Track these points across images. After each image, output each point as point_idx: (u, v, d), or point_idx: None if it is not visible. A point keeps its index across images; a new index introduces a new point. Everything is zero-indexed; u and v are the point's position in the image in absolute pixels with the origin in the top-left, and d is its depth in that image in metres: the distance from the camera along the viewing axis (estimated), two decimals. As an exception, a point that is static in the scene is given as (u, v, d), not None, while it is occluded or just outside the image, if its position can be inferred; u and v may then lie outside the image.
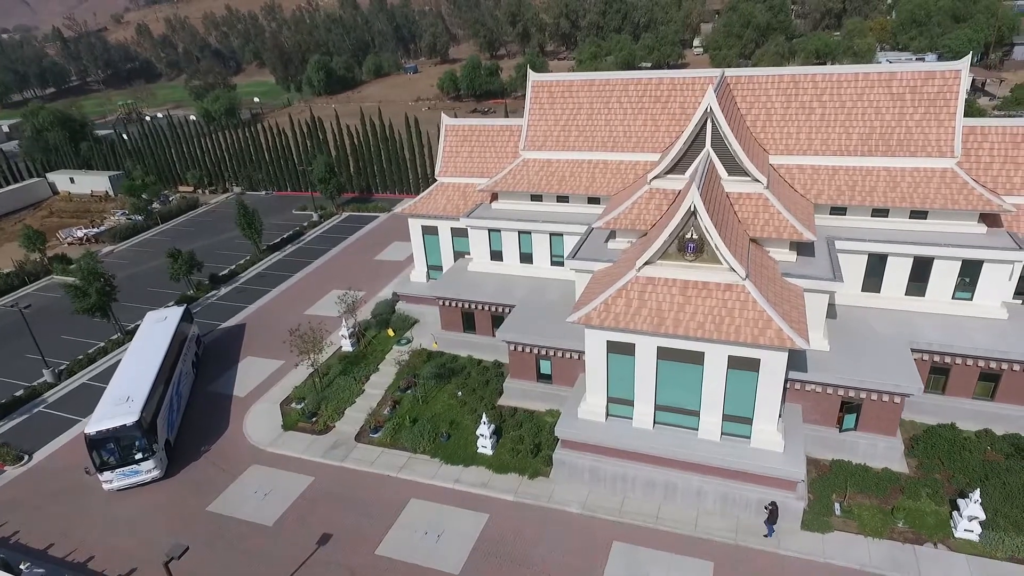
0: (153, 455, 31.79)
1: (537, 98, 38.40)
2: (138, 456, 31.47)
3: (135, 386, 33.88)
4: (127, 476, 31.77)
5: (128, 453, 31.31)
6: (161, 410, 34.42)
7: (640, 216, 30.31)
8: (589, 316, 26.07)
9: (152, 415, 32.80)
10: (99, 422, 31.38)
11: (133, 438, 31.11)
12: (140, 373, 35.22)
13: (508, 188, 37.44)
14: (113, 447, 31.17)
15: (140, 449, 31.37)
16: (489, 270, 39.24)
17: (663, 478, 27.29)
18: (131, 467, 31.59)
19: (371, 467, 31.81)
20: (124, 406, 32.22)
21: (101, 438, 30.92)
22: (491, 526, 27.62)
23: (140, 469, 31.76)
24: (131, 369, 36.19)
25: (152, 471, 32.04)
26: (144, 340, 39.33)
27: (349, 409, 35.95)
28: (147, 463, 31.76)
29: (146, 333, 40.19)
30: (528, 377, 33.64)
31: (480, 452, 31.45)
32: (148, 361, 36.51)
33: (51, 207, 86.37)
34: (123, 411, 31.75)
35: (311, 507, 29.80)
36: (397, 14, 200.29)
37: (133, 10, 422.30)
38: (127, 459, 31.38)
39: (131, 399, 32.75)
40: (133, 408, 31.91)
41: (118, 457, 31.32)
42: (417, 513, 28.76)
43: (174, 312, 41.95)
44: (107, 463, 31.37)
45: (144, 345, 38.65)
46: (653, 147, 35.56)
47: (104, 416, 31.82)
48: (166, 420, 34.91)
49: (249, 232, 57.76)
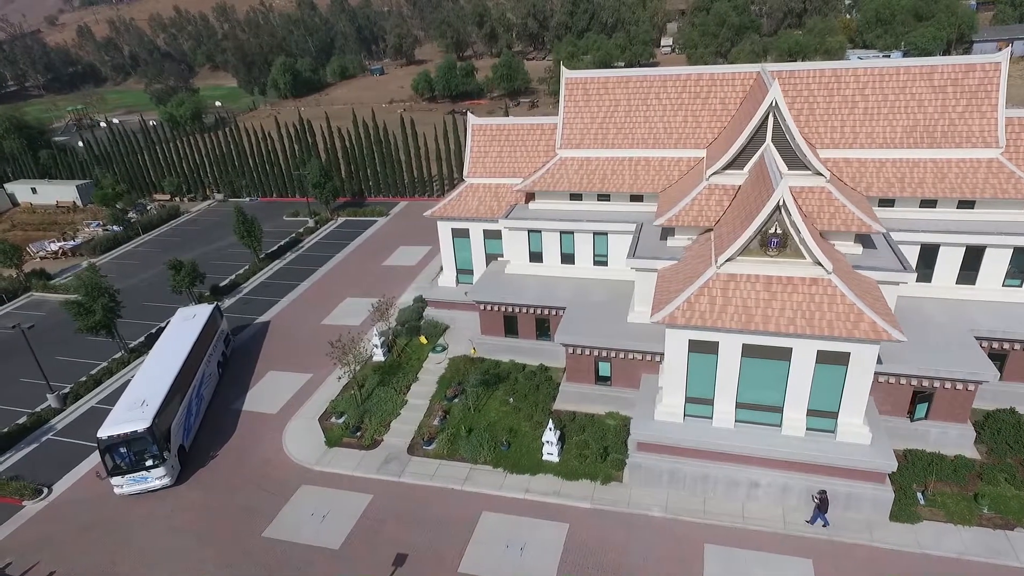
0: (164, 463, 31.00)
1: (571, 95, 37.73)
2: (148, 463, 30.75)
3: (152, 389, 33.04)
4: (137, 482, 31.11)
5: (139, 459, 30.65)
6: (177, 415, 33.37)
7: (702, 212, 30.01)
8: (673, 315, 25.54)
9: (167, 421, 32.10)
10: (111, 426, 30.74)
11: (144, 445, 30.41)
12: (159, 376, 34.33)
13: (547, 187, 36.66)
14: (124, 452, 30.53)
15: (151, 456, 30.66)
16: (528, 272, 38.35)
17: (746, 476, 27.00)
18: (141, 473, 30.87)
19: (431, 481, 30.54)
20: (138, 411, 31.40)
21: (112, 443, 30.32)
22: (574, 535, 26.80)
23: (149, 476, 31.03)
24: (152, 370, 35.31)
25: (162, 478, 31.27)
26: (169, 339, 38.39)
27: (395, 421, 34.52)
28: (157, 471, 31.01)
29: (173, 332, 39.09)
30: (586, 380, 32.92)
31: (546, 459, 30.57)
32: (169, 363, 35.48)
33: (12, 220, 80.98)
34: (136, 416, 30.98)
35: (377, 527, 28.34)
36: (359, 15, 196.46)
37: (67, 11, 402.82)
38: (138, 465, 30.70)
39: (146, 403, 31.90)
40: (146, 414, 31.05)
41: (129, 463, 30.67)
42: (492, 526, 27.68)
43: (203, 310, 40.83)
44: (118, 468, 30.72)
45: (168, 345, 37.65)
46: (695, 143, 35.36)
47: (117, 420, 31.08)
48: (182, 425, 33.79)
49: (248, 240, 55.24)
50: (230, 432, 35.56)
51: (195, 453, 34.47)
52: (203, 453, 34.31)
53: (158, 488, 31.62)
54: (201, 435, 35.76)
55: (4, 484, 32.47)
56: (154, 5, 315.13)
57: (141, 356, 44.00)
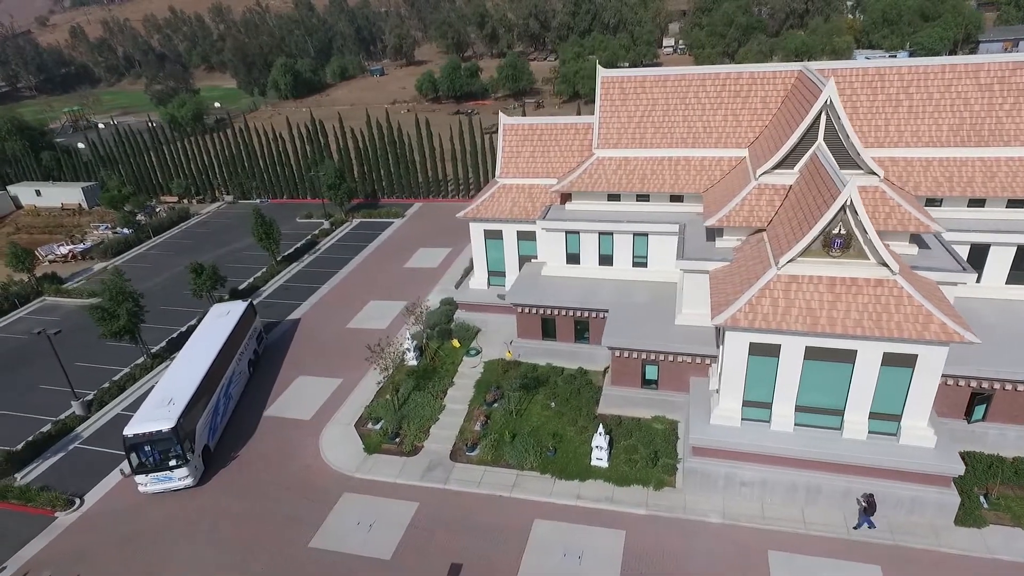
0: (187, 463, 30.92)
1: (608, 95, 37.21)
2: (172, 463, 30.70)
3: (180, 388, 32.98)
4: (160, 481, 31.08)
5: (163, 458, 30.59)
6: (204, 415, 33.21)
7: (752, 212, 29.54)
8: (735, 318, 25.04)
9: (193, 420, 31.99)
10: (137, 424, 30.75)
11: (168, 444, 30.33)
12: (188, 374, 34.25)
13: (585, 188, 36.12)
14: (149, 451, 30.46)
15: (175, 456, 30.59)
16: (565, 274, 37.81)
17: (805, 481, 26.53)
18: (164, 473, 30.82)
19: (478, 488, 29.88)
20: (164, 409, 31.34)
21: (137, 441, 30.25)
22: (632, 542, 26.23)
23: (173, 476, 30.97)
24: (182, 367, 35.29)
25: (185, 479, 31.18)
26: (201, 336, 38.33)
27: (434, 427, 33.86)
28: (180, 471, 30.94)
29: (205, 329, 39.01)
30: (631, 383, 32.38)
31: (595, 465, 30.00)
32: (199, 361, 35.35)
33: (16, 222, 79.53)
34: (161, 415, 30.94)
35: (427, 536, 27.66)
36: (358, 15, 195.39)
37: (58, 12, 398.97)
38: (161, 464, 30.66)
39: (173, 402, 31.81)
40: (172, 413, 30.97)
41: (153, 461, 30.63)
42: (547, 534, 27.07)
43: (236, 307, 40.79)
44: (143, 466, 30.65)
45: (200, 342, 37.60)
46: (736, 142, 34.93)
47: (144, 418, 31.11)
48: (208, 425, 33.57)
49: (267, 242, 54.39)
50: (264, 439, 34.75)
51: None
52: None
53: (181, 488, 31.44)
54: (230, 439, 35.14)
55: (35, 494, 31.57)
56: (147, 5, 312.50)
57: (164, 361, 43.18)
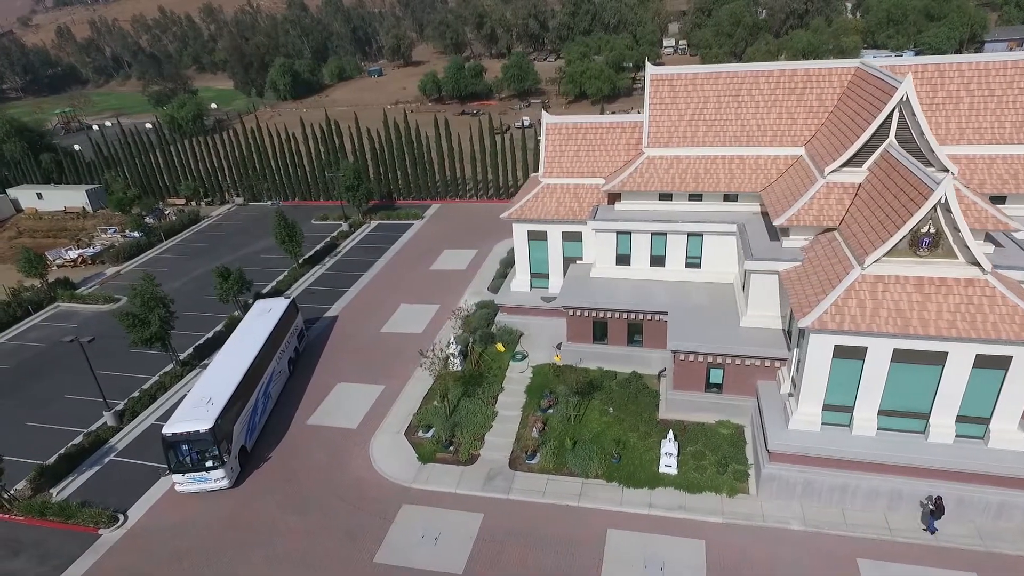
0: (223, 465, 30.57)
1: (657, 92, 36.42)
2: (208, 464, 30.42)
3: (219, 387, 32.60)
4: (196, 482, 30.87)
5: (200, 459, 30.33)
6: (242, 415, 32.86)
7: (822, 211, 28.88)
8: (822, 320, 24.33)
9: (231, 421, 31.68)
10: (176, 423, 30.51)
11: (205, 445, 30.04)
12: (227, 373, 33.87)
13: (637, 187, 35.32)
14: (186, 450, 30.22)
15: (211, 457, 30.31)
16: (615, 275, 36.98)
17: (887, 486, 25.88)
18: (201, 473, 30.54)
19: (544, 497, 28.93)
20: (202, 409, 31.06)
21: (175, 440, 30.01)
22: (713, 552, 25.42)
23: (209, 477, 30.71)
24: (222, 366, 34.97)
25: (220, 480, 30.88)
26: (242, 334, 37.93)
27: (488, 434, 32.85)
28: (216, 472, 30.64)
29: (247, 325, 38.58)
30: (695, 387, 31.59)
31: (663, 472, 29.16)
32: (238, 360, 34.94)
33: (17, 226, 77.43)
34: (200, 415, 30.64)
35: (498, 548, 26.66)
36: (353, 16, 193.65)
37: (40, 12, 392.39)
38: (198, 465, 30.40)
39: (212, 402, 31.47)
40: (210, 413, 30.66)
41: (191, 461, 30.38)
42: (623, 545, 26.18)
43: (278, 304, 40.41)
44: (180, 465, 30.41)
45: (241, 340, 37.24)
46: (792, 141, 34.29)
47: (183, 417, 30.88)
48: (245, 425, 33.22)
49: (289, 245, 53.07)
50: (311, 450, 33.54)
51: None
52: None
53: (216, 489, 31.03)
54: (268, 442, 34.39)
55: (76, 510, 30.18)
56: (134, 6, 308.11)
57: (194, 369, 41.80)
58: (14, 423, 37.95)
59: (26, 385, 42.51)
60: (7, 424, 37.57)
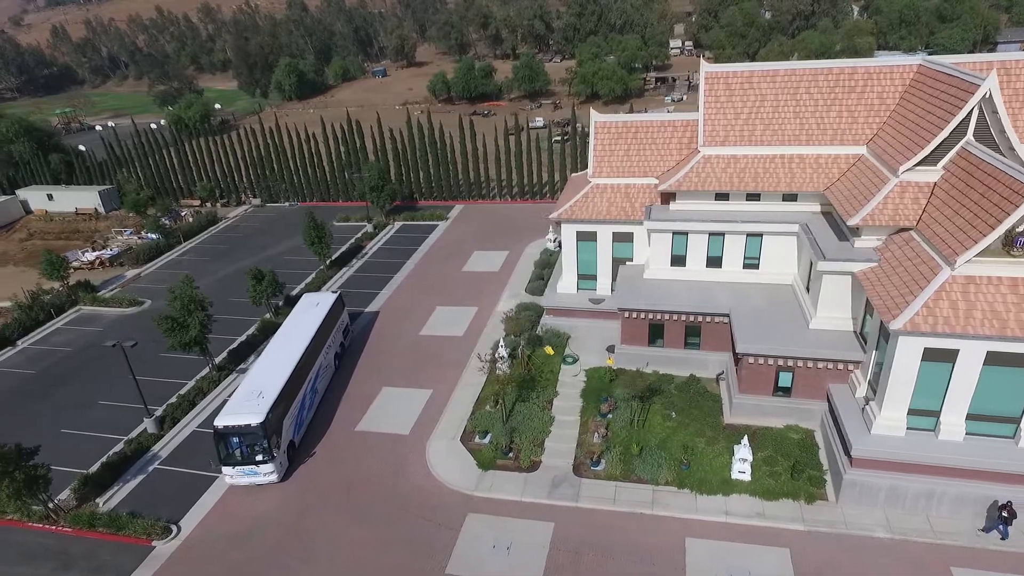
0: (273, 459, 30.39)
1: (712, 91, 35.77)
2: (258, 458, 30.20)
3: (269, 381, 32.41)
4: (246, 475, 30.75)
5: (250, 452, 30.13)
6: (291, 410, 32.68)
7: (897, 211, 28.26)
8: (914, 322, 23.69)
9: (280, 415, 31.46)
10: (227, 416, 30.39)
11: (255, 439, 29.80)
12: (277, 367, 33.68)
13: (694, 187, 34.64)
14: (237, 443, 30.09)
15: (261, 451, 30.08)
16: (669, 277, 36.29)
17: (975, 492, 25.24)
18: (251, 467, 30.39)
19: (614, 505, 28.12)
20: (253, 402, 30.90)
21: (226, 433, 29.94)
22: (800, 561, 24.69)
23: (259, 471, 30.56)
24: (271, 359, 34.78)
25: (270, 475, 30.71)
26: (291, 328, 37.80)
27: (548, 440, 32.01)
28: (265, 466, 30.44)
29: (295, 320, 38.73)
30: (763, 391, 30.89)
31: (736, 478, 28.42)
32: (288, 354, 34.73)
33: (28, 228, 75.84)
34: (250, 408, 30.49)
35: (573, 558, 25.82)
36: (356, 16, 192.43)
37: (32, 12, 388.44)
38: (248, 458, 30.20)
39: (262, 396, 31.30)
40: (261, 407, 30.48)
41: (241, 454, 30.21)
42: (705, 554, 25.41)
43: (326, 299, 40.15)
44: (230, 457, 30.26)
45: (289, 333, 37.10)
46: (853, 139, 33.67)
47: (234, 410, 30.73)
48: (294, 420, 33.08)
49: (318, 246, 52.02)
50: (365, 457, 32.58)
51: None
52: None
53: (265, 484, 30.91)
54: (321, 448, 33.52)
55: (127, 521, 29.07)
56: (129, 6, 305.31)
57: (231, 374, 40.73)
58: (50, 430, 36.69)
59: (55, 391, 41.28)
60: (43, 431, 36.22)
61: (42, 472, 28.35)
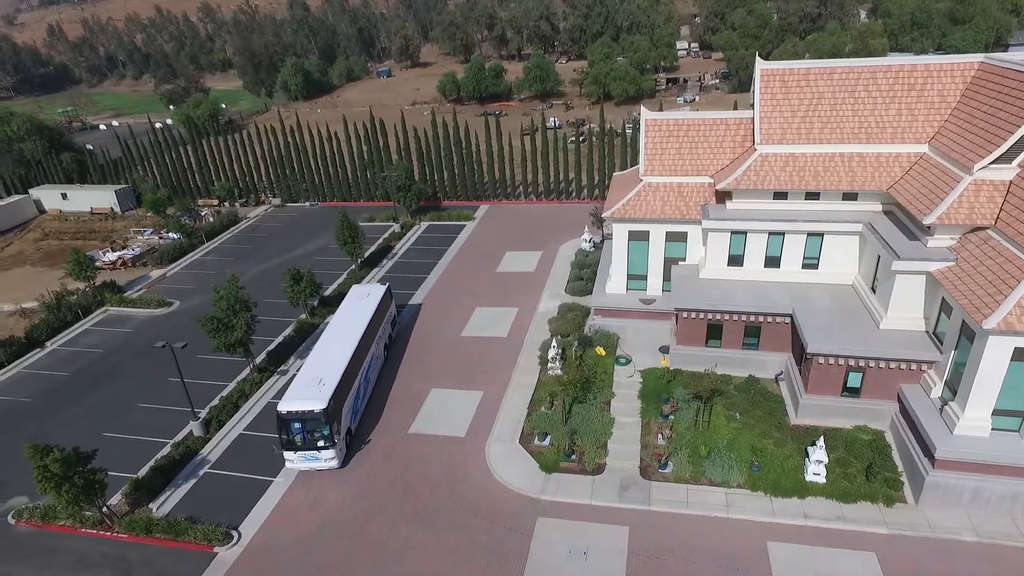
0: (334, 445, 30.72)
1: (768, 88, 35.35)
2: (320, 443, 30.52)
3: (329, 368, 32.80)
4: (308, 460, 31.03)
5: (313, 438, 30.41)
6: (348, 398, 33.00)
7: (974, 209, 27.91)
8: (1008, 321, 23.26)
9: (340, 402, 31.84)
10: (291, 402, 30.62)
11: (318, 424, 30.14)
12: (334, 355, 34.03)
13: (752, 185, 34.21)
14: (299, 429, 30.33)
15: (323, 436, 30.39)
16: (726, 277, 35.85)
17: (1062, 494, 24.94)
18: (312, 452, 30.70)
19: (688, 508, 27.60)
20: (315, 389, 31.24)
21: (290, 419, 30.22)
22: (888, 566, 24.24)
23: (320, 457, 30.92)
24: (327, 348, 35.08)
25: (331, 460, 31.08)
26: (344, 317, 38.32)
27: (610, 442, 31.46)
28: (327, 452, 30.78)
29: (347, 309, 39.25)
30: (831, 392, 30.45)
31: (811, 480, 27.97)
32: (344, 342, 35.16)
33: (42, 228, 74.56)
34: (313, 394, 30.80)
35: (655, 564, 25.27)
36: (360, 16, 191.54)
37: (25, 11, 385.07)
38: (311, 444, 30.50)
39: (323, 383, 31.65)
40: (323, 393, 30.84)
41: (303, 440, 30.47)
42: (789, 559, 24.92)
43: (376, 290, 40.59)
44: (292, 443, 30.52)
45: (343, 323, 37.61)
46: (914, 138, 33.34)
47: (296, 396, 30.98)
48: (351, 408, 33.55)
49: (351, 246, 51.30)
50: (424, 460, 31.88)
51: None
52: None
53: (326, 469, 31.30)
54: (373, 450, 32.77)
55: (186, 527, 28.28)
56: (125, 5, 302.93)
57: (273, 375, 39.95)
58: (91, 433, 35.72)
59: (91, 393, 40.37)
60: (84, 434, 35.22)
61: (100, 477, 27.50)
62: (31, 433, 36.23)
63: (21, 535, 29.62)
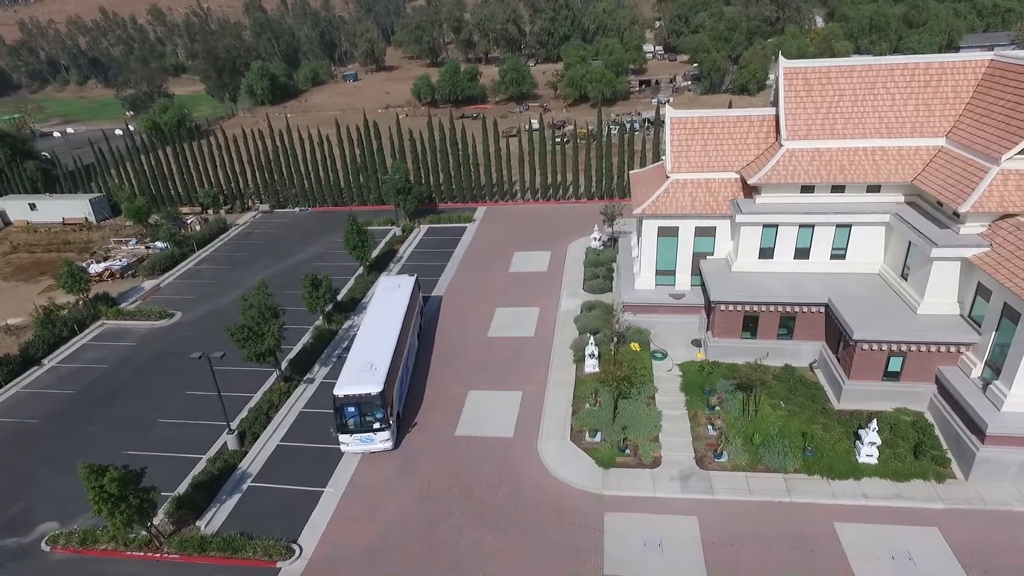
0: (389, 427, 31.51)
1: (791, 86, 36.49)
2: (376, 425, 31.25)
3: (377, 353, 33.59)
4: (363, 443, 31.79)
5: (368, 420, 31.16)
6: (396, 381, 33.70)
7: (1004, 198, 29.45)
8: (1057, 301, 24.70)
9: (391, 386, 32.44)
10: (346, 386, 31.29)
11: (374, 406, 30.90)
12: (380, 341, 34.83)
13: (781, 180, 35.20)
14: (355, 412, 31.06)
15: (378, 419, 31.12)
16: (758, 269, 36.76)
17: (1102, 463, 26.52)
18: (368, 434, 31.44)
19: (751, 495, 28.18)
20: (368, 373, 31.96)
21: (347, 402, 30.87)
22: (953, 539, 25.30)
23: (375, 438, 31.66)
24: (369, 336, 35.83)
25: (386, 442, 31.87)
26: (380, 307, 39.15)
27: (661, 435, 31.83)
28: (382, 433, 31.56)
29: (381, 299, 40.00)
30: (873, 377, 31.57)
31: (863, 462, 28.95)
32: (386, 329, 36.01)
33: (10, 240, 70.43)
34: (368, 378, 31.57)
35: (731, 552, 25.67)
36: (320, 20, 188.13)
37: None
38: (366, 426, 31.25)
39: (375, 367, 32.38)
40: (377, 377, 31.67)
41: (358, 423, 31.23)
42: (857, 538, 25.72)
43: (406, 281, 41.44)
44: (347, 426, 31.25)
45: (381, 312, 38.43)
46: (932, 131, 34.91)
47: (351, 381, 31.68)
48: (398, 392, 34.18)
49: (360, 251, 50.35)
50: (476, 462, 31.55)
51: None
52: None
53: (380, 450, 32.07)
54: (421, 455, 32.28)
55: (243, 543, 27.21)
56: (64, 7, 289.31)
57: (300, 384, 38.86)
58: (111, 452, 33.72)
59: (103, 411, 38.41)
60: (103, 453, 33.12)
61: (153, 496, 26.24)
62: (49, 456, 34.31)
63: (58, 563, 27.94)
